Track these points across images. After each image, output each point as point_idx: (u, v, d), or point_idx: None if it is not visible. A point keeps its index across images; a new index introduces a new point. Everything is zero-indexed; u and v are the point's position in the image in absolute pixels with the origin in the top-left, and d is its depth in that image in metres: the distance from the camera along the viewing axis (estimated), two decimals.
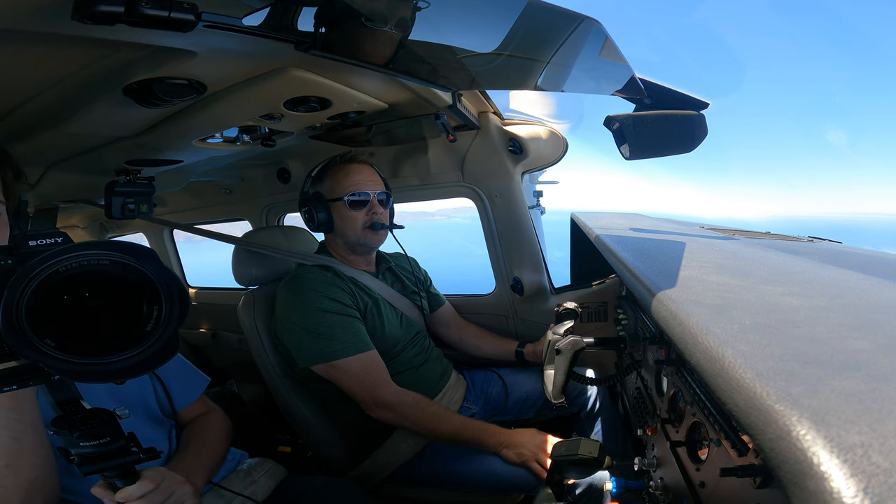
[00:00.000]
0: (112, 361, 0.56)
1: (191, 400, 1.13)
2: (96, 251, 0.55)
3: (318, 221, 1.48)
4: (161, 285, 0.59)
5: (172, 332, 0.60)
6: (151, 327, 0.58)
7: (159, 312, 0.59)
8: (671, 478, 0.79)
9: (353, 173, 1.47)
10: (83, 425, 0.63)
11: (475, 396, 1.60)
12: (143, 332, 0.58)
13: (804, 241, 1.41)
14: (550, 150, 1.63)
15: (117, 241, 0.59)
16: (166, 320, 0.59)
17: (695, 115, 1.02)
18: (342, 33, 0.79)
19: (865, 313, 0.50)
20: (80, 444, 0.63)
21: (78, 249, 0.54)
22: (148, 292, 0.58)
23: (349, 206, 1.45)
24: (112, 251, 0.56)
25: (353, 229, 1.47)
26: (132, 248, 0.58)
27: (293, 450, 2.13)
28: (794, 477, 0.26)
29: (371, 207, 1.47)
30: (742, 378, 0.34)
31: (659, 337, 0.86)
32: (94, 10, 0.51)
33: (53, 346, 0.53)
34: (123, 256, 0.56)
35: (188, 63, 0.78)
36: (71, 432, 0.62)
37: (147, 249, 0.59)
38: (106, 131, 1.08)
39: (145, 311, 0.58)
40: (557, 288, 1.76)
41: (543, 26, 0.83)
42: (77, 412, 0.64)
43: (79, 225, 2.80)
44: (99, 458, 0.65)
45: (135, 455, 0.68)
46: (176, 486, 0.83)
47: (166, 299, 0.59)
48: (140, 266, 0.57)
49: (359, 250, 1.53)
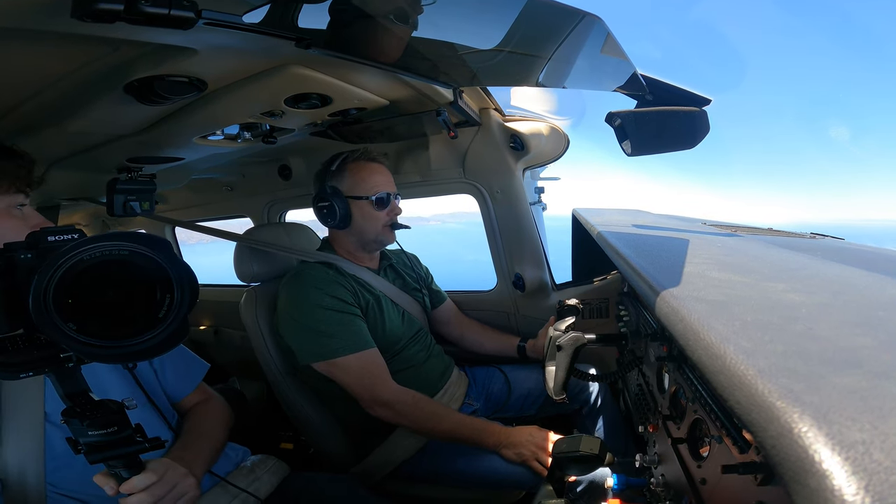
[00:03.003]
0: (128, 344, 0.61)
1: (190, 389, 1.14)
2: (117, 242, 0.59)
3: (339, 217, 1.45)
4: (174, 274, 0.63)
5: (183, 319, 0.64)
6: (164, 313, 0.63)
7: (171, 299, 0.63)
8: (672, 474, 0.79)
9: (377, 172, 1.47)
10: (93, 414, 0.66)
11: (477, 393, 1.60)
12: (156, 318, 0.63)
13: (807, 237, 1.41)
14: (552, 146, 1.63)
15: (137, 232, 0.63)
16: (178, 307, 0.63)
17: (696, 111, 1.02)
18: (343, 30, 0.78)
19: (868, 310, 0.50)
20: (88, 433, 0.66)
21: (100, 240, 0.58)
22: (162, 281, 0.63)
23: (375, 205, 1.45)
24: (131, 242, 0.60)
25: (374, 227, 1.47)
26: (149, 239, 0.62)
27: (295, 447, 2.13)
28: (795, 474, 0.26)
29: (392, 207, 1.49)
30: (743, 375, 0.34)
31: (660, 333, 0.86)
32: (93, 8, 0.51)
33: (75, 329, 0.57)
34: (141, 247, 0.61)
35: (189, 60, 0.78)
36: (81, 421, 0.65)
37: (163, 240, 0.63)
38: (107, 129, 1.08)
39: (158, 298, 0.63)
40: (559, 284, 1.76)
41: (545, 22, 0.83)
42: (87, 402, 0.67)
43: (80, 223, 2.80)
44: (106, 446, 0.68)
45: (140, 444, 0.70)
46: (179, 479, 0.84)
47: (178, 287, 0.63)
48: (156, 256, 0.62)
49: (371, 248, 1.53)
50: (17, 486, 0.85)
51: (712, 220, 1.82)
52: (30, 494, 0.86)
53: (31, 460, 0.86)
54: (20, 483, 0.85)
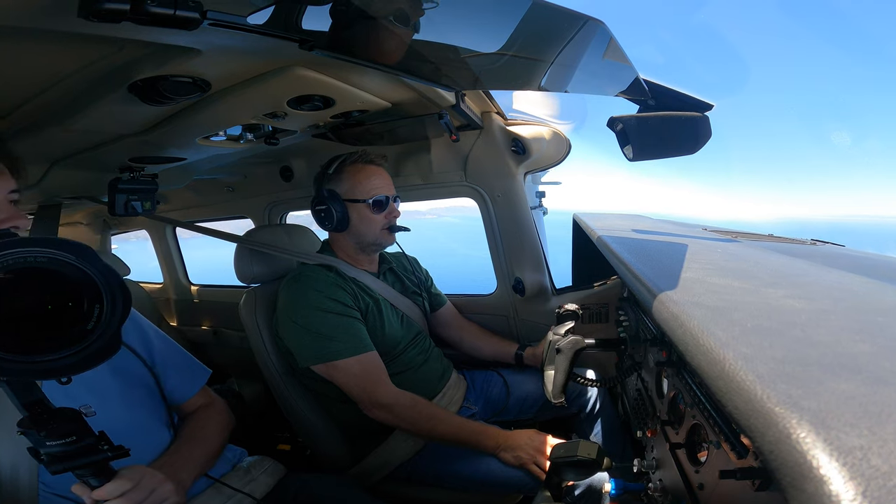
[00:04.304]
0: (52, 359, 0.56)
1: (191, 393, 1.13)
2: (33, 248, 0.54)
3: (336, 220, 1.46)
4: (102, 283, 0.58)
5: (115, 330, 0.59)
6: (93, 325, 0.58)
7: (101, 310, 0.59)
8: (670, 479, 0.79)
9: (375, 175, 1.47)
10: (48, 424, 0.63)
11: (475, 396, 1.60)
12: (84, 331, 0.58)
13: (807, 243, 1.41)
14: (553, 150, 1.63)
15: (56, 238, 0.58)
16: (108, 318, 0.59)
17: (699, 116, 1.02)
18: (346, 32, 0.79)
19: (867, 316, 0.50)
20: (46, 444, 0.63)
21: (14, 247, 0.53)
22: (88, 291, 0.58)
23: (372, 208, 1.45)
24: (50, 249, 0.55)
25: (372, 230, 1.48)
26: (71, 246, 0.57)
27: (293, 448, 2.13)
28: (793, 480, 0.26)
29: (390, 210, 1.49)
30: (743, 380, 0.35)
31: (660, 339, 0.86)
32: (99, 7, 0.52)
33: None
34: (61, 254, 0.56)
35: (193, 61, 0.78)
36: (38, 432, 0.62)
37: (86, 247, 0.58)
38: (110, 128, 1.09)
39: (86, 309, 0.58)
40: (559, 289, 1.77)
41: (547, 26, 0.83)
42: (43, 412, 0.63)
43: (82, 221, 2.81)
44: (66, 456, 0.65)
45: (104, 453, 0.68)
46: (156, 484, 0.82)
47: (108, 297, 0.59)
48: (79, 264, 0.57)
49: (370, 250, 1.53)
50: (9, 486, 0.85)
51: (712, 226, 1.82)
52: (22, 494, 0.85)
53: (23, 460, 0.85)
54: (12, 483, 0.85)
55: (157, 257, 2.81)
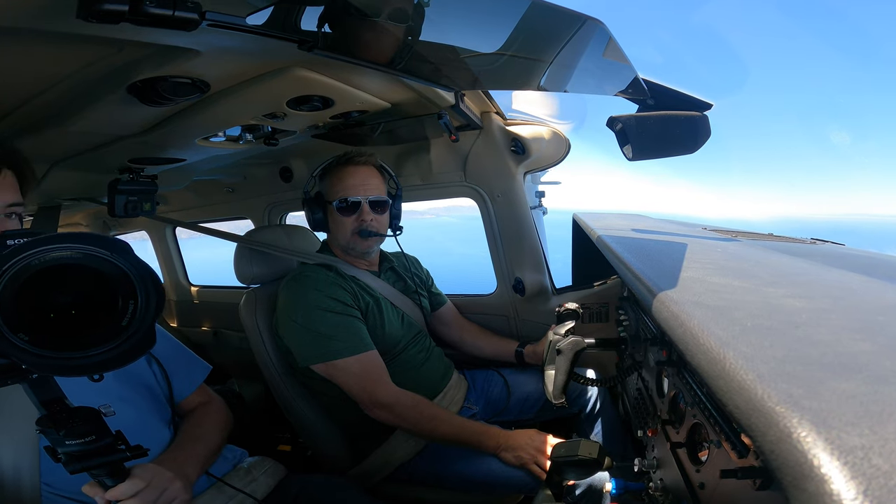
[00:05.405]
0: (88, 356, 0.56)
1: (191, 389, 1.13)
2: (68, 244, 0.54)
3: (314, 222, 1.51)
4: (136, 279, 0.58)
5: (149, 326, 0.59)
6: (127, 322, 0.58)
7: (135, 306, 0.58)
8: (671, 479, 0.79)
9: (348, 177, 1.45)
10: (68, 423, 0.62)
11: (476, 396, 1.60)
12: (119, 327, 0.57)
13: (807, 242, 1.41)
14: (553, 150, 1.63)
15: (91, 233, 0.58)
16: (142, 314, 0.58)
17: (698, 116, 1.02)
18: (345, 32, 0.79)
19: (868, 315, 0.50)
20: (65, 443, 0.63)
21: (49, 243, 0.53)
22: (123, 286, 0.57)
23: (338, 212, 1.45)
24: (85, 244, 0.55)
25: (342, 234, 1.48)
26: (106, 241, 0.56)
27: (293, 448, 2.13)
28: (794, 479, 0.26)
29: (361, 214, 1.46)
30: (743, 380, 0.34)
31: (660, 338, 0.86)
32: (98, 8, 0.52)
33: (27, 340, 0.53)
34: (97, 250, 0.55)
35: (192, 62, 0.78)
36: (57, 431, 0.62)
37: (121, 242, 0.58)
38: (109, 129, 1.09)
39: (121, 306, 0.58)
40: (559, 288, 1.76)
41: (547, 26, 0.83)
42: (62, 411, 0.63)
43: (81, 223, 2.81)
44: (85, 455, 0.65)
45: (122, 453, 0.67)
46: (167, 483, 0.83)
47: (142, 293, 0.58)
48: (114, 260, 0.56)
49: (352, 253, 1.53)
50: (12, 486, 0.85)
51: (712, 225, 1.82)
52: (25, 494, 0.85)
53: (25, 460, 0.86)
54: (15, 483, 0.85)
55: (157, 259, 2.81)
